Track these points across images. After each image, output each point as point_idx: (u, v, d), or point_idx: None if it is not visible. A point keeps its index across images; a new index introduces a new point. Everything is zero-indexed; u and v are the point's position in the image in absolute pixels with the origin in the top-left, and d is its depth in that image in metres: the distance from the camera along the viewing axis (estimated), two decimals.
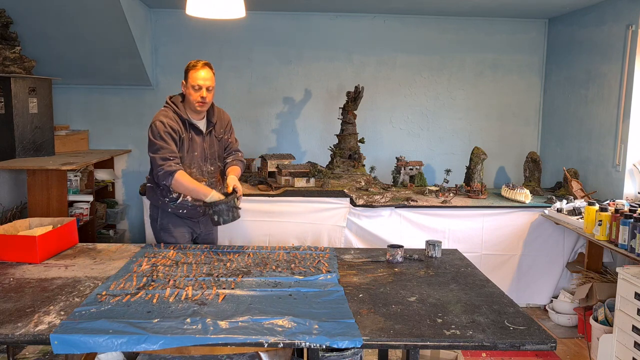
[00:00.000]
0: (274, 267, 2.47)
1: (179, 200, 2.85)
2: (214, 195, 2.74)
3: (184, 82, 2.81)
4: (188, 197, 2.85)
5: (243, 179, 4.43)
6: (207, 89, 2.77)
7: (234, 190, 2.79)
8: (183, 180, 2.71)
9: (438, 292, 2.20)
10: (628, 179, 3.92)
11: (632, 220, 3.04)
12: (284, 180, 4.12)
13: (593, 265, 3.83)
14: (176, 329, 1.78)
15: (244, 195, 3.98)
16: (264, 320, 1.85)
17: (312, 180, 4.13)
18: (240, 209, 2.82)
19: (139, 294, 2.08)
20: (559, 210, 3.87)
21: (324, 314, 1.93)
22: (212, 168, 2.95)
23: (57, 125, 4.64)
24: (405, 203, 4.00)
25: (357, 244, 3.99)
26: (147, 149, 2.78)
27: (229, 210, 2.73)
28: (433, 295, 2.16)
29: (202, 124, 2.89)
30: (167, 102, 2.85)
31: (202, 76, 2.75)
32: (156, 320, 1.84)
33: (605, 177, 4.17)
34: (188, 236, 2.99)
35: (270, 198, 3.97)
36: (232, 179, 2.87)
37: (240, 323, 1.83)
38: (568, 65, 4.78)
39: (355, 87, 4.54)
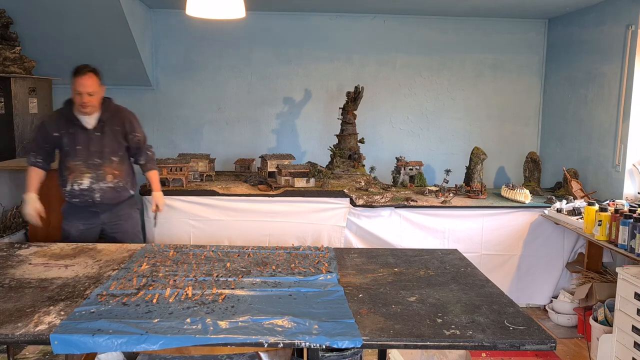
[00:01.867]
0: (274, 267, 2.47)
1: (67, 189, 3.11)
2: (29, 198, 3.07)
3: (71, 85, 3.03)
4: (75, 186, 3.09)
5: (243, 179, 4.44)
6: (89, 94, 2.99)
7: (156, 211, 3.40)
8: (28, 171, 3.13)
9: (438, 292, 2.20)
10: (628, 179, 3.92)
11: (631, 220, 3.04)
12: (284, 180, 4.12)
13: (593, 266, 3.83)
14: (176, 329, 1.78)
15: (244, 195, 3.99)
16: (264, 320, 1.85)
17: (312, 180, 4.13)
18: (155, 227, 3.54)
19: (139, 294, 2.08)
20: (559, 211, 3.87)
21: (324, 314, 1.93)
22: (99, 161, 3.13)
23: None
24: (405, 203, 4.00)
25: (357, 244, 3.99)
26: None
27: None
28: (433, 295, 2.16)
29: (90, 121, 3.10)
30: (63, 103, 3.17)
31: (83, 83, 2.98)
32: (156, 320, 1.84)
33: (605, 177, 4.17)
34: (81, 224, 3.19)
35: (270, 198, 3.97)
36: (158, 197, 3.40)
37: (240, 323, 1.83)
38: (568, 65, 4.78)
39: (355, 87, 4.54)
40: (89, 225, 3.19)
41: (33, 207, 3.06)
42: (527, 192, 4.14)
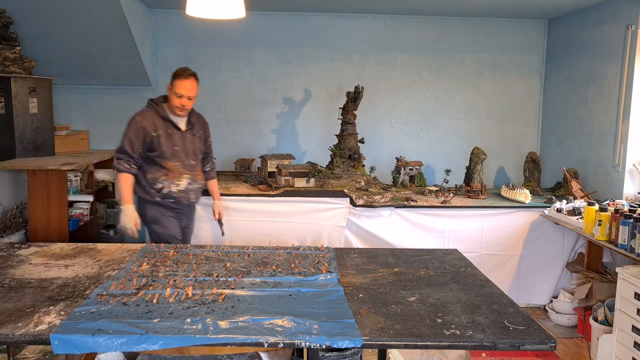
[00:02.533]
0: (274, 267, 2.47)
1: (163, 190, 3.10)
2: (127, 209, 3.00)
3: (170, 87, 3.10)
4: (172, 187, 3.11)
5: (243, 179, 4.44)
6: (189, 98, 3.08)
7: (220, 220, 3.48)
8: (120, 180, 3.03)
9: (438, 292, 2.20)
10: (628, 179, 3.92)
11: (631, 220, 3.04)
12: (284, 180, 4.12)
13: (593, 265, 3.83)
14: (176, 329, 1.78)
15: (244, 195, 3.99)
16: (264, 320, 1.85)
17: (312, 180, 4.13)
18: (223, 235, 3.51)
19: (139, 294, 2.08)
20: (559, 211, 3.87)
21: (324, 314, 1.93)
22: (193, 162, 3.20)
23: (57, 125, 4.64)
24: (405, 203, 4.00)
25: (357, 244, 3.99)
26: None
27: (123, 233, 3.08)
28: (433, 295, 2.16)
29: (182, 123, 3.17)
30: (148, 103, 3.17)
31: (186, 86, 3.06)
32: (156, 320, 1.84)
33: (605, 177, 4.17)
34: (177, 225, 3.21)
35: (270, 198, 3.97)
36: (219, 205, 3.48)
37: (240, 323, 1.83)
38: (568, 65, 4.78)
39: (355, 87, 4.54)
40: (181, 225, 3.25)
41: (132, 218, 3.01)
42: (527, 192, 4.14)
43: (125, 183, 3.02)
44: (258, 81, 5.11)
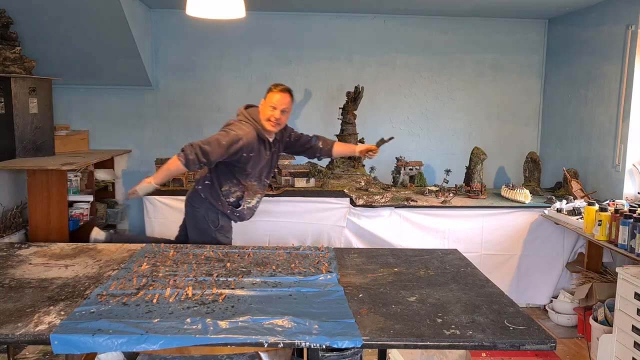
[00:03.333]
0: (274, 267, 2.47)
1: (235, 205, 3.05)
2: (149, 188, 2.89)
3: (263, 101, 3.01)
4: (245, 204, 3.06)
5: None
6: (282, 111, 2.94)
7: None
8: (173, 165, 2.82)
9: (438, 292, 2.20)
10: (628, 179, 3.92)
11: (631, 220, 3.04)
12: (284, 180, 4.13)
13: (593, 265, 3.83)
14: (176, 329, 1.78)
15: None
16: (264, 320, 1.85)
17: (312, 180, 4.13)
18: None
19: (139, 294, 2.08)
20: (559, 211, 3.87)
21: (324, 314, 1.93)
22: (267, 181, 3.17)
23: (57, 125, 4.64)
24: (405, 203, 4.00)
25: (357, 244, 3.99)
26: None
27: None
28: (433, 295, 2.16)
29: (270, 139, 3.07)
30: (248, 118, 2.99)
31: (281, 99, 2.94)
32: (156, 320, 1.84)
33: (605, 177, 4.17)
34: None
35: (270, 198, 3.97)
36: (363, 146, 3.44)
37: (240, 323, 1.83)
38: (568, 65, 4.78)
39: (355, 87, 4.54)
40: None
41: (143, 191, 2.93)
42: (527, 192, 4.14)
43: (175, 170, 2.87)
44: (258, 81, 5.11)
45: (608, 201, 3.63)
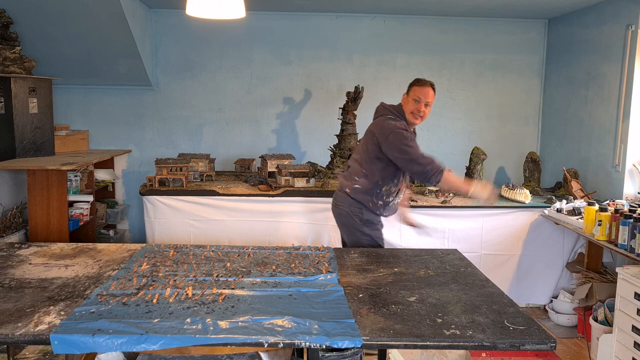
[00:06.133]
0: (274, 267, 2.47)
1: (389, 203, 3.11)
2: (475, 190, 2.90)
3: (405, 96, 3.07)
4: (395, 201, 3.13)
5: (243, 179, 4.44)
6: (425, 104, 3.00)
7: None
8: (450, 177, 2.89)
9: (438, 292, 2.20)
10: (628, 179, 3.92)
11: (631, 220, 3.04)
12: (284, 180, 4.12)
13: (593, 265, 3.83)
14: (176, 329, 1.78)
15: (244, 195, 3.99)
16: (264, 320, 1.85)
17: (312, 180, 4.13)
18: None
19: (139, 294, 2.08)
20: (559, 211, 3.87)
21: (324, 314, 1.93)
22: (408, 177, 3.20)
23: (57, 125, 4.64)
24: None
25: None
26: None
27: None
28: (433, 295, 2.16)
29: None
30: (397, 116, 3.02)
31: (426, 93, 2.99)
32: (156, 320, 1.84)
33: (605, 177, 4.17)
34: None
35: (270, 198, 3.97)
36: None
37: (240, 323, 1.83)
38: (568, 65, 4.78)
39: (355, 87, 4.54)
40: None
41: (487, 189, 2.93)
42: (527, 192, 4.14)
43: (453, 176, 2.92)
44: (258, 81, 5.11)
45: (608, 201, 3.63)
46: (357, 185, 3.08)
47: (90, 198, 4.28)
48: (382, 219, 3.21)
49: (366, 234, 3.11)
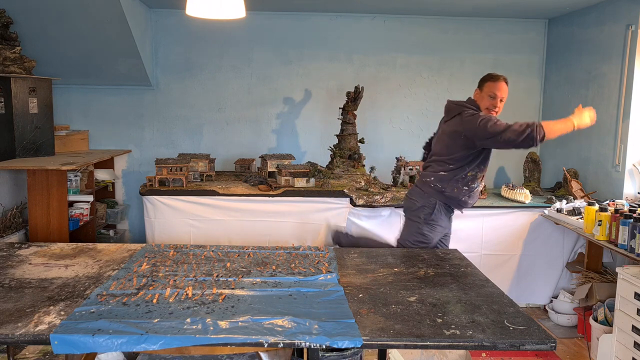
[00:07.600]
0: (274, 267, 2.47)
1: (473, 189, 3.13)
2: (578, 121, 2.92)
3: (478, 91, 3.09)
4: (479, 187, 3.15)
5: (243, 179, 4.44)
6: (501, 100, 3.02)
7: None
8: (549, 126, 2.87)
9: (438, 292, 2.20)
10: (628, 179, 3.92)
11: (631, 220, 3.04)
12: (284, 180, 4.12)
13: (593, 265, 3.83)
14: (176, 329, 1.78)
15: (244, 195, 3.99)
16: (264, 320, 1.85)
17: (312, 180, 4.13)
18: None
19: (139, 294, 2.08)
20: (559, 211, 3.87)
21: (324, 314, 1.93)
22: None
23: (57, 125, 4.64)
24: None
25: None
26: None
27: None
28: (433, 295, 2.16)
29: None
30: (476, 108, 3.04)
31: (502, 88, 3.01)
32: (156, 320, 1.84)
33: (605, 177, 4.17)
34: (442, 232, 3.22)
35: (270, 198, 3.97)
36: None
37: (240, 323, 1.83)
38: (568, 65, 4.78)
39: (355, 87, 4.54)
40: (445, 231, 3.27)
41: (588, 115, 2.98)
42: (527, 192, 4.14)
43: (552, 122, 2.93)
44: (258, 81, 5.11)
45: (608, 201, 3.63)
46: (442, 172, 3.09)
47: (90, 198, 4.28)
48: (448, 221, 3.23)
49: (422, 233, 3.13)
